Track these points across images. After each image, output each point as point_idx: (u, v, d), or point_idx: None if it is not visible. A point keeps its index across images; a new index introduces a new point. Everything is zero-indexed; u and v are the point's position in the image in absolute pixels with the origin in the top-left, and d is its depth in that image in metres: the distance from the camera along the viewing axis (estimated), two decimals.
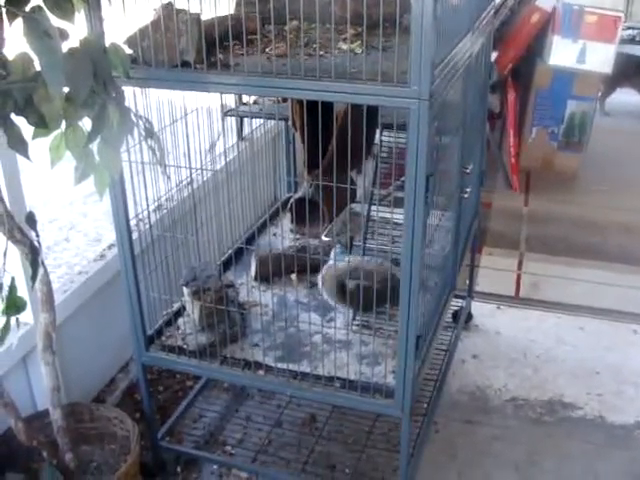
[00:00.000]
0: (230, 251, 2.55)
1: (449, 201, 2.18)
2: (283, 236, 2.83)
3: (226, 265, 2.55)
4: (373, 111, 1.66)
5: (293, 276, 2.50)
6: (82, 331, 2.49)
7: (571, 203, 4.52)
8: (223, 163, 2.55)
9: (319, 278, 2.33)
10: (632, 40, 6.21)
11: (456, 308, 3.08)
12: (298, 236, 2.87)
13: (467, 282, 3.23)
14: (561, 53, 4.32)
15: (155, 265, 2.12)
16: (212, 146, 2.34)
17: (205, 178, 2.53)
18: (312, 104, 1.77)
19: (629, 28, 6.11)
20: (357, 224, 2.92)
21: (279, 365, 2.09)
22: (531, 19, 4.41)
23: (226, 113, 2.35)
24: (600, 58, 4.24)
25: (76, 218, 3.13)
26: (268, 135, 3.03)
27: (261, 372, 2.09)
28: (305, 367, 2.09)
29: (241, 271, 2.51)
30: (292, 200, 2.88)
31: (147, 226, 2.07)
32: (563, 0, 4.25)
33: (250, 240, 2.70)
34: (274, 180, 3.11)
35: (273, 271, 2.47)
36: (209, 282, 2.16)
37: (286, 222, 2.96)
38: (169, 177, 1.81)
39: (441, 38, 1.57)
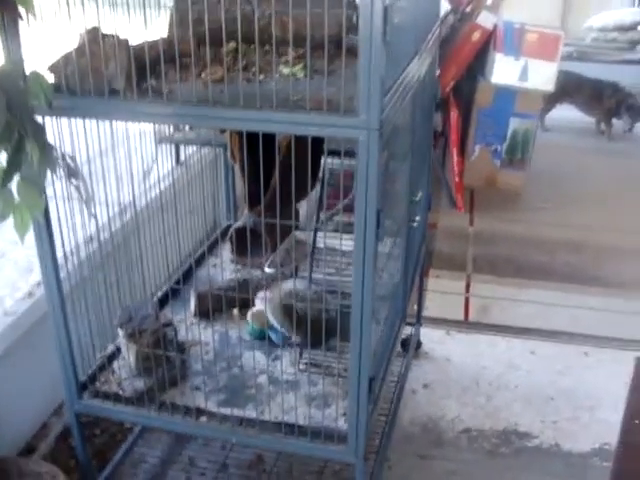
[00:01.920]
0: (167, 286, 2.40)
1: (398, 229, 2.08)
2: (223, 267, 2.70)
3: (164, 301, 2.40)
4: (319, 139, 1.54)
5: (235, 311, 2.36)
6: (8, 375, 2.31)
7: (517, 221, 4.49)
8: (158, 191, 2.42)
9: (260, 297, 2.22)
10: (570, 57, 6.27)
11: (404, 336, 2.98)
12: (239, 266, 2.74)
13: (415, 307, 3.14)
14: (503, 71, 4.29)
15: (86, 305, 1.96)
16: (146, 174, 2.20)
17: (139, 209, 2.38)
18: (252, 134, 1.64)
19: (566, 45, 6.15)
20: (302, 252, 2.80)
21: (222, 410, 1.95)
22: (472, 37, 4.36)
23: (160, 140, 2.20)
24: (542, 76, 4.22)
25: (6, 246, 2.95)
26: (206, 159, 2.89)
27: (204, 419, 1.94)
28: (251, 412, 1.95)
29: (180, 307, 2.36)
30: (232, 229, 2.76)
31: (76, 263, 1.91)
32: (504, 18, 4.22)
33: (188, 272, 2.56)
34: (213, 207, 2.98)
35: (214, 306, 2.33)
36: (145, 323, 2.01)
37: (226, 252, 2.83)
38: (95, 216, 1.66)
39: (390, 61, 1.46)
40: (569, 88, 5.76)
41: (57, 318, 1.88)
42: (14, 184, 1.44)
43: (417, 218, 2.20)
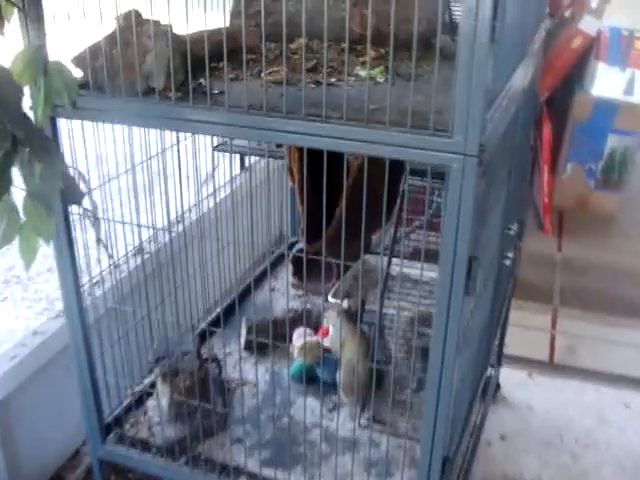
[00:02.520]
0: (216, 312, 2.11)
1: (488, 271, 1.74)
2: (282, 293, 2.41)
3: (214, 326, 2.11)
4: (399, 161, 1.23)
5: (294, 346, 2.06)
6: (37, 400, 2.06)
7: (610, 249, 4.05)
8: (217, 200, 2.14)
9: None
10: None
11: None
12: (300, 292, 2.44)
13: (496, 345, 2.78)
14: (606, 82, 3.86)
15: (118, 335, 1.69)
16: (203, 183, 1.92)
17: (191, 222, 2.11)
18: (316, 150, 1.33)
19: None
20: (371, 280, 2.49)
21: (265, 472, 1.65)
22: (572, 44, 3.94)
23: (216, 147, 1.92)
24: None
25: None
26: (273, 166, 2.59)
27: None
28: (298, 476, 1.65)
29: (230, 336, 2.07)
30: (293, 251, 2.46)
31: (106, 287, 1.64)
32: (609, 24, 3.80)
33: (243, 295, 2.27)
34: (280, 219, 2.70)
35: (267, 339, 2.04)
36: (183, 361, 1.73)
37: (288, 275, 2.54)
38: (111, 255, 1.38)
39: (497, 66, 1.13)
40: None
41: (79, 352, 1.61)
42: (19, 201, 1.17)
43: (510, 255, 1.85)
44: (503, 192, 1.70)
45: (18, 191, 1.16)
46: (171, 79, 1.25)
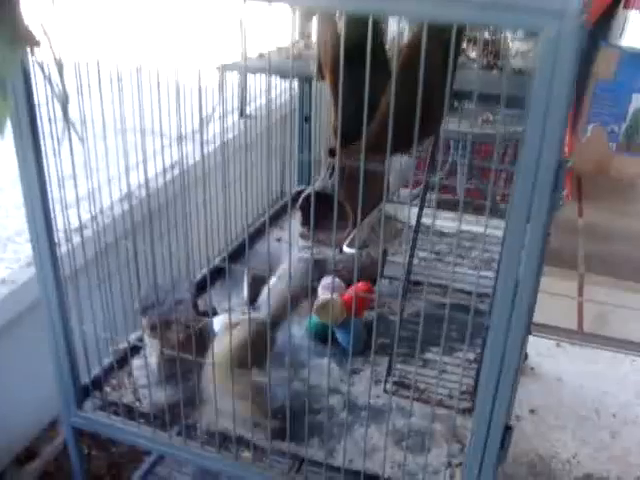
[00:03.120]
0: (212, 264, 1.82)
1: None
2: (290, 243, 2.11)
3: (209, 281, 1.82)
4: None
5: (304, 302, 1.77)
6: (6, 360, 1.78)
7: (633, 215, 3.79)
8: (212, 148, 1.84)
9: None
10: None
11: None
12: (310, 243, 2.15)
13: None
14: (637, 32, 3.58)
15: (98, 281, 1.39)
16: (203, 125, 1.63)
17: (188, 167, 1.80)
18: (353, 41, 1.03)
19: None
20: (391, 230, 2.21)
21: (275, 445, 1.36)
22: None
23: (223, 69, 1.61)
24: None
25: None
26: (277, 112, 2.29)
27: (247, 454, 1.36)
28: (315, 451, 1.36)
29: (231, 289, 1.78)
30: (304, 195, 2.17)
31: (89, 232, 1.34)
32: None
33: (243, 248, 1.98)
34: (282, 172, 2.39)
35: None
36: (177, 311, 1.44)
37: (295, 224, 2.24)
38: (82, 139, 1.07)
39: None
40: None
41: (47, 287, 1.32)
42: None
43: (564, 192, 1.56)
44: None
45: None
46: None
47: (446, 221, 2.19)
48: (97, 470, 1.97)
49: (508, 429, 1.13)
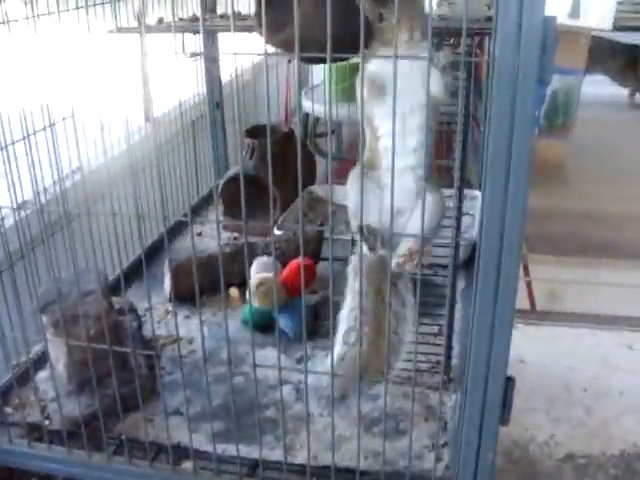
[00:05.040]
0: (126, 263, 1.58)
1: None
2: (211, 235, 1.89)
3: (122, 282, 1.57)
4: None
5: (233, 290, 1.54)
6: None
7: (564, 195, 3.69)
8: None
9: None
10: None
11: None
12: (235, 235, 1.92)
13: None
14: (549, 4, 3.49)
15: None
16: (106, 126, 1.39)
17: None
18: None
19: None
20: (319, 213, 1.99)
21: (221, 449, 1.12)
22: None
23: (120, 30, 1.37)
24: (598, 11, 3.42)
25: None
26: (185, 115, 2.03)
27: (188, 465, 1.11)
28: (272, 450, 1.12)
29: (145, 290, 1.53)
30: (223, 180, 1.94)
31: None
32: None
33: (159, 245, 1.74)
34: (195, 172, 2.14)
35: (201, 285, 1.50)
36: (84, 304, 1.17)
37: (214, 216, 2.01)
38: None
39: None
40: (601, 55, 4.97)
41: None
42: None
43: None
44: None
45: None
46: None
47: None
48: None
49: (510, 380, 0.93)
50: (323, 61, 0.89)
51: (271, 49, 1.14)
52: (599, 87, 5.25)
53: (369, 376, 1.20)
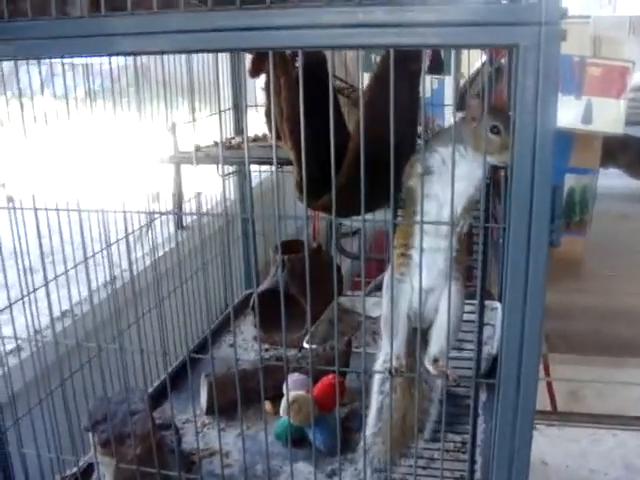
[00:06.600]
0: (165, 375, 1.67)
1: None
2: (244, 347, 1.98)
3: (160, 395, 1.66)
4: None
5: (267, 405, 1.62)
6: None
7: (585, 292, 3.75)
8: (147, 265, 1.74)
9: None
10: None
11: None
12: (266, 346, 2.01)
13: None
14: (562, 113, 3.62)
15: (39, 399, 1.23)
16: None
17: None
18: (310, 94, 0.93)
19: None
20: (350, 324, 2.08)
21: None
22: None
23: (163, 161, 1.51)
24: (610, 116, 3.56)
25: None
26: (216, 222, 2.14)
27: None
28: None
29: (184, 402, 1.62)
30: (255, 295, 2.04)
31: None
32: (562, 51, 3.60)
33: (194, 358, 1.83)
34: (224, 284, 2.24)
35: (235, 399, 1.59)
36: (130, 424, 1.27)
37: (248, 327, 2.12)
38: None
39: None
40: (613, 149, 5.09)
41: None
42: None
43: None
44: None
45: None
46: None
47: None
48: None
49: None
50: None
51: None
52: (615, 179, 5.38)
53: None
